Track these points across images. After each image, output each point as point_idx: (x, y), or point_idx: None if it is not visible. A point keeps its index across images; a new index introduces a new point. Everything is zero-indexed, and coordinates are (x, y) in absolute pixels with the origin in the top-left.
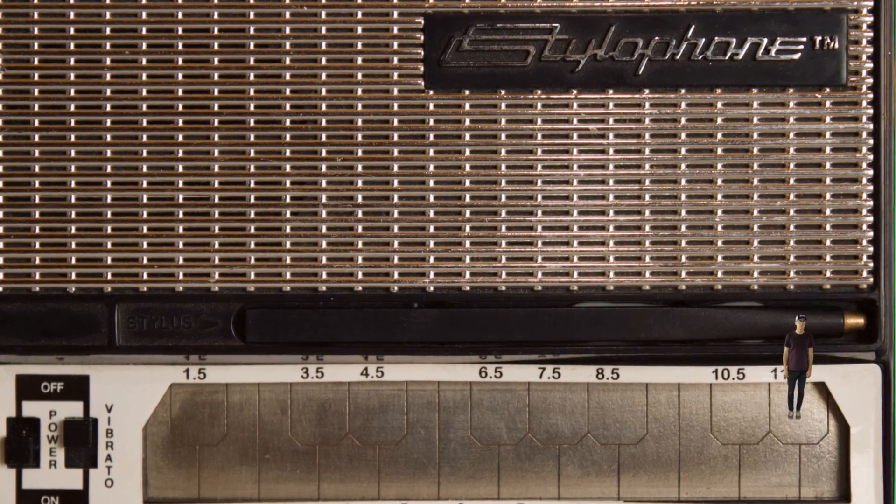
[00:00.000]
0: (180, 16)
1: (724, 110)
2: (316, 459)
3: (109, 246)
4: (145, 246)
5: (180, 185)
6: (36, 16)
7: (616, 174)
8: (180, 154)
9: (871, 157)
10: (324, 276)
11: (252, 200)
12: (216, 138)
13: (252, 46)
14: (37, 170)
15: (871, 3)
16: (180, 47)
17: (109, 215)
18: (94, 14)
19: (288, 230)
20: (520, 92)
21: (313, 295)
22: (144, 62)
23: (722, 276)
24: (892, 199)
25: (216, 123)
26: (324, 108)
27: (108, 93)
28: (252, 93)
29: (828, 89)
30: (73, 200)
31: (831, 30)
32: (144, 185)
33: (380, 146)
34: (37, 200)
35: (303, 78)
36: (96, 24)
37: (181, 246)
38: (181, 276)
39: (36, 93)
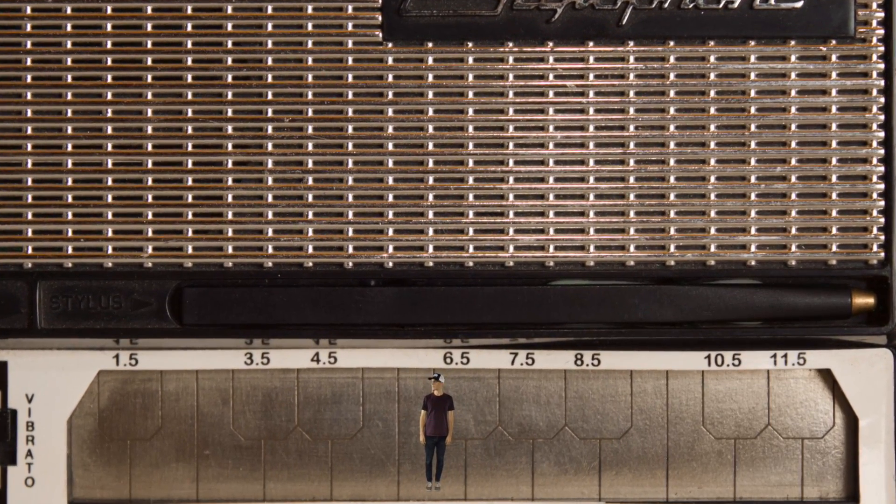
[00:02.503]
0: None
1: (717, 65)
2: (261, 455)
3: (30, 217)
4: (70, 217)
5: (109, 148)
6: None
7: (597, 136)
8: (109, 114)
9: (881, 116)
10: (270, 251)
11: (190, 166)
12: (149, 96)
13: None
14: None
15: None
16: None
17: (30, 182)
18: None
19: (230, 199)
20: (489, 44)
21: (258, 272)
22: (69, 10)
23: (715, 250)
24: None
25: (149, 80)
26: (270, 62)
27: (29, 45)
28: (189, 45)
29: (834, 41)
30: None
31: None
32: (69, 148)
33: (333, 105)
34: None
35: (246, 28)
36: None
37: (110, 217)
38: (110, 251)
39: None
